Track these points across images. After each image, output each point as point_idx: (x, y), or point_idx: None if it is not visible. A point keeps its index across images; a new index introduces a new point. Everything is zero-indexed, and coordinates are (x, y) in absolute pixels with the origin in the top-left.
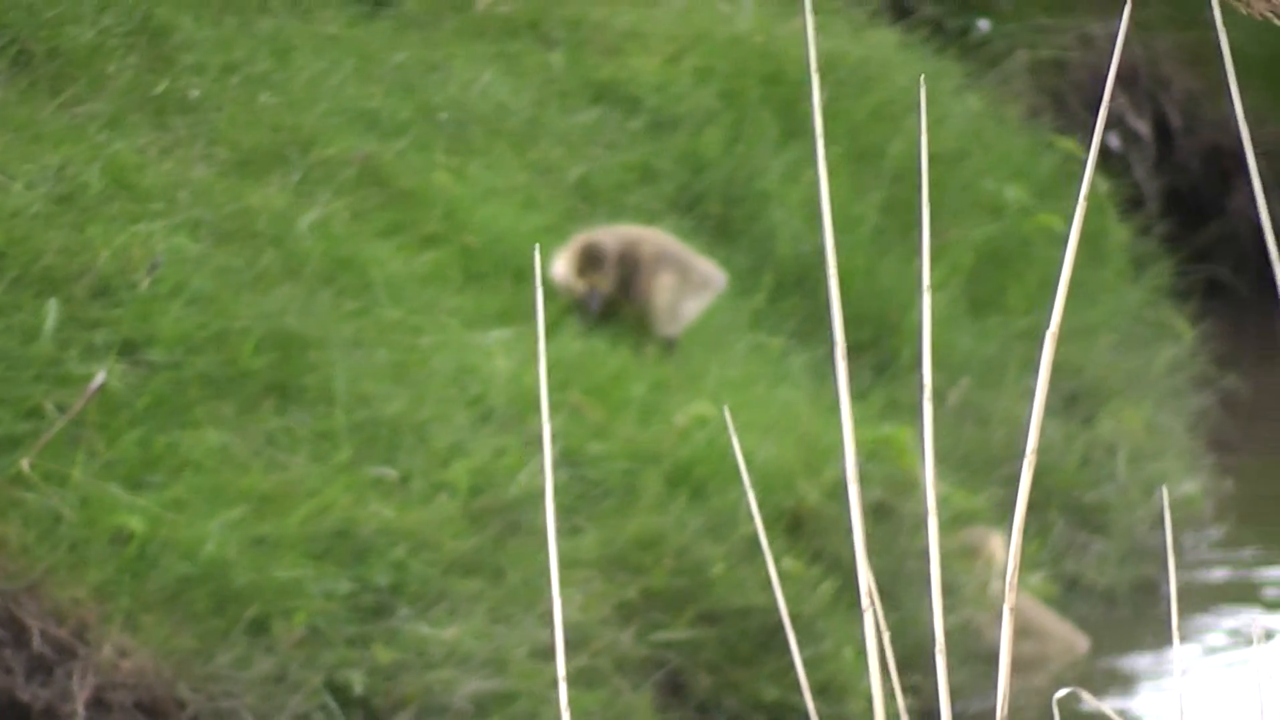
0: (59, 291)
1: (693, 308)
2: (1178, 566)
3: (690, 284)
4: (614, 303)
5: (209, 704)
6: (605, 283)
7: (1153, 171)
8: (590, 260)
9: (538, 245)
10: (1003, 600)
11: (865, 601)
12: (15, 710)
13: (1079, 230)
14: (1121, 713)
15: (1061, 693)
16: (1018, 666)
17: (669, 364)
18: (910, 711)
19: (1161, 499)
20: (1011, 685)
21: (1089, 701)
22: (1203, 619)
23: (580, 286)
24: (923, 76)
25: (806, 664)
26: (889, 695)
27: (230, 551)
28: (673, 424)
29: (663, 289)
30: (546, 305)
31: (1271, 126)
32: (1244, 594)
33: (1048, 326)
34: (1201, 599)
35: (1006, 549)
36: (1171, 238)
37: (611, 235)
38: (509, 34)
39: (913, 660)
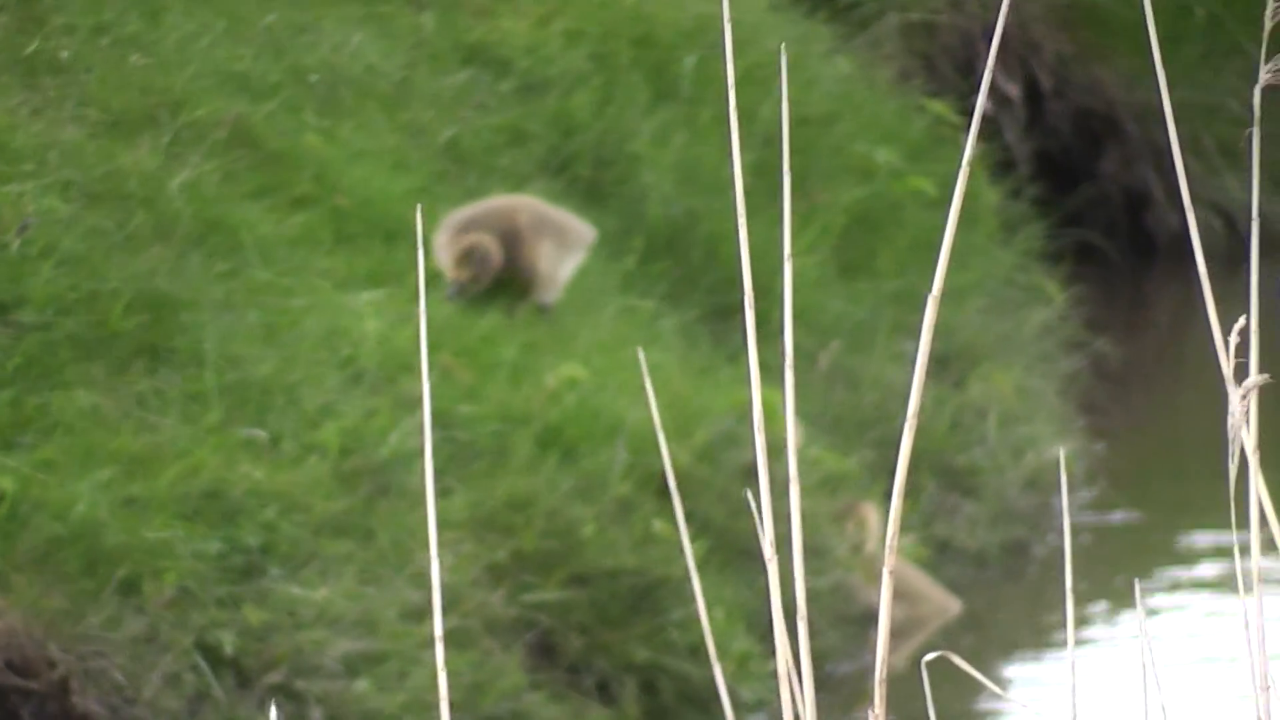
0: None
1: (569, 268)
2: (1048, 529)
3: (566, 245)
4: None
5: (79, 664)
6: (475, 284)
7: (1023, 135)
8: (469, 259)
9: (420, 207)
10: (879, 562)
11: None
12: None
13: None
14: (996, 677)
15: (930, 656)
16: (891, 629)
17: (539, 326)
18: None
19: (1035, 461)
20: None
21: (960, 664)
22: (1075, 581)
23: (452, 273)
24: (784, 45)
25: (678, 626)
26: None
27: (101, 512)
28: (543, 386)
29: (545, 256)
30: (416, 267)
31: (1141, 92)
32: (1115, 556)
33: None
34: (1074, 561)
35: (879, 513)
36: (1042, 201)
37: (487, 213)
38: None
39: (784, 622)
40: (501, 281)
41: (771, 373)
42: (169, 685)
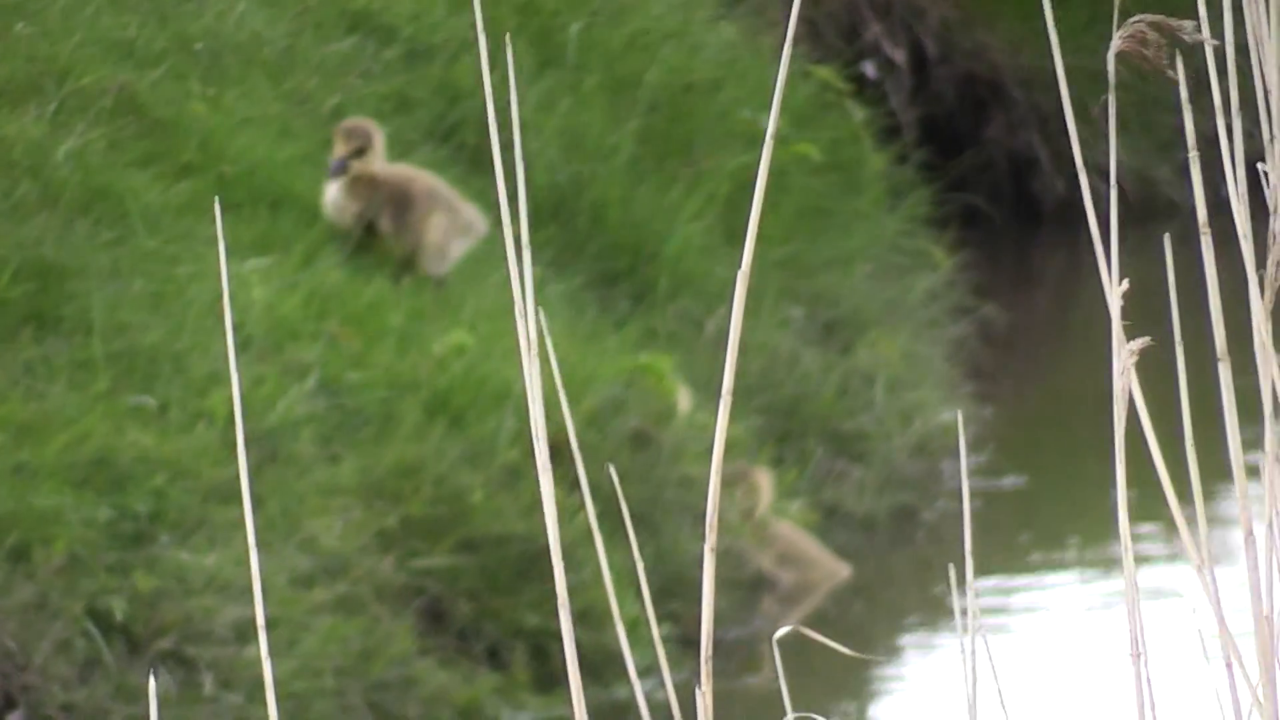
0: None
1: (459, 248)
2: (936, 495)
3: (458, 226)
4: (374, 233)
5: None
6: (360, 160)
7: (909, 100)
8: (352, 135)
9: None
10: (769, 526)
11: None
12: None
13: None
14: (885, 644)
15: (781, 632)
16: (781, 595)
17: (426, 294)
18: (670, 639)
19: (923, 427)
20: (775, 613)
21: (813, 636)
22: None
23: (336, 151)
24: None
25: (567, 591)
26: (646, 622)
27: None
28: (431, 353)
29: (435, 228)
30: (303, 234)
31: (1026, 57)
32: (1004, 521)
33: (812, 256)
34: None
35: (769, 477)
36: (928, 167)
37: (384, 170)
38: None
39: (672, 588)
40: (387, 249)
41: (658, 338)
42: (59, 652)
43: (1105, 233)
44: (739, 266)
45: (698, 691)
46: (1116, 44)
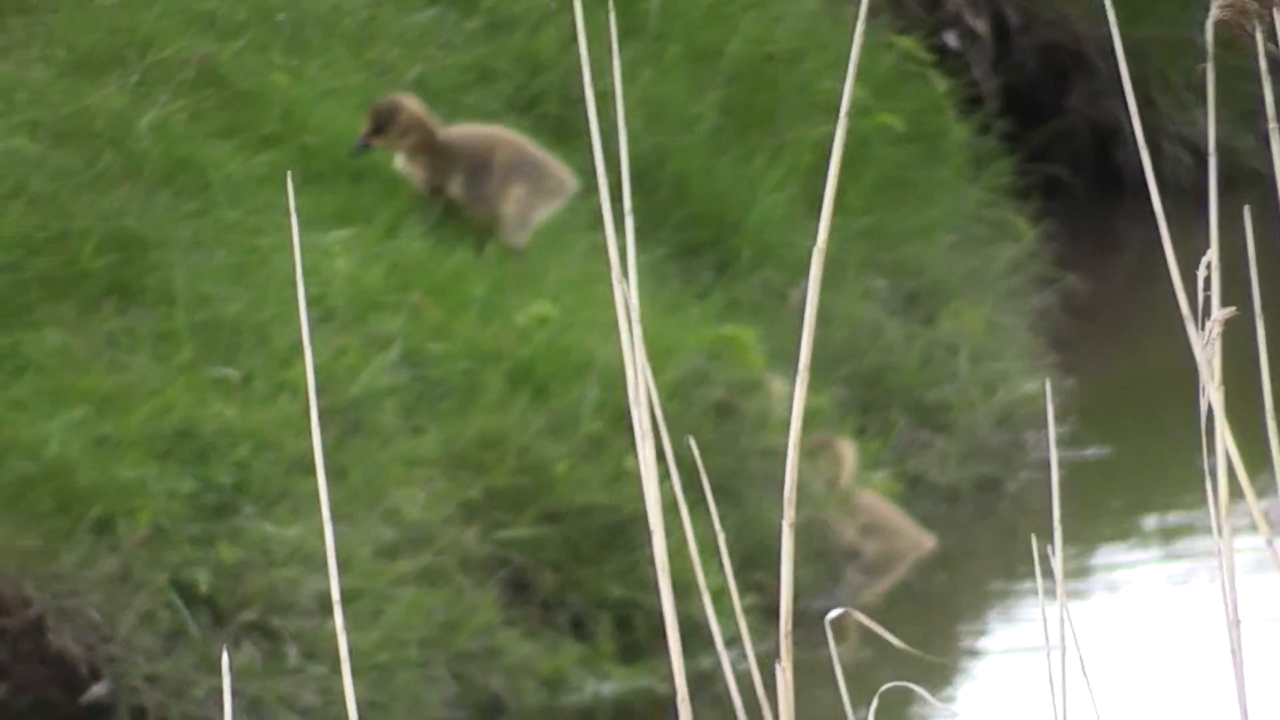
0: None
1: (543, 213)
2: (1019, 466)
3: (542, 192)
4: (449, 200)
5: (54, 603)
6: (385, 142)
7: (991, 70)
8: (373, 114)
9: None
10: (854, 497)
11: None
12: None
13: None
14: (970, 615)
15: (834, 613)
16: (865, 566)
17: (509, 264)
18: (754, 609)
19: (1006, 397)
20: (859, 583)
21: (862, 620)
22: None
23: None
24: None
25: (651, 562)
26: (745, 589)
27: (73, 451)
28: (514, 323)
29: (513, 200)
30: (385, 205)
31: (1108, 26)
32: (1087, 491)
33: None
34: (1045, 497)
35: (853, 448)
36: (1010, 137)
37: (465, 138)
38: None
39: (756, 559)
40: (466, 217)
41: (740, 310)
42: (144, 623)
43: (1187, 202)
44: (816, 242)
45: (778, 668)
46: (1215, 13)
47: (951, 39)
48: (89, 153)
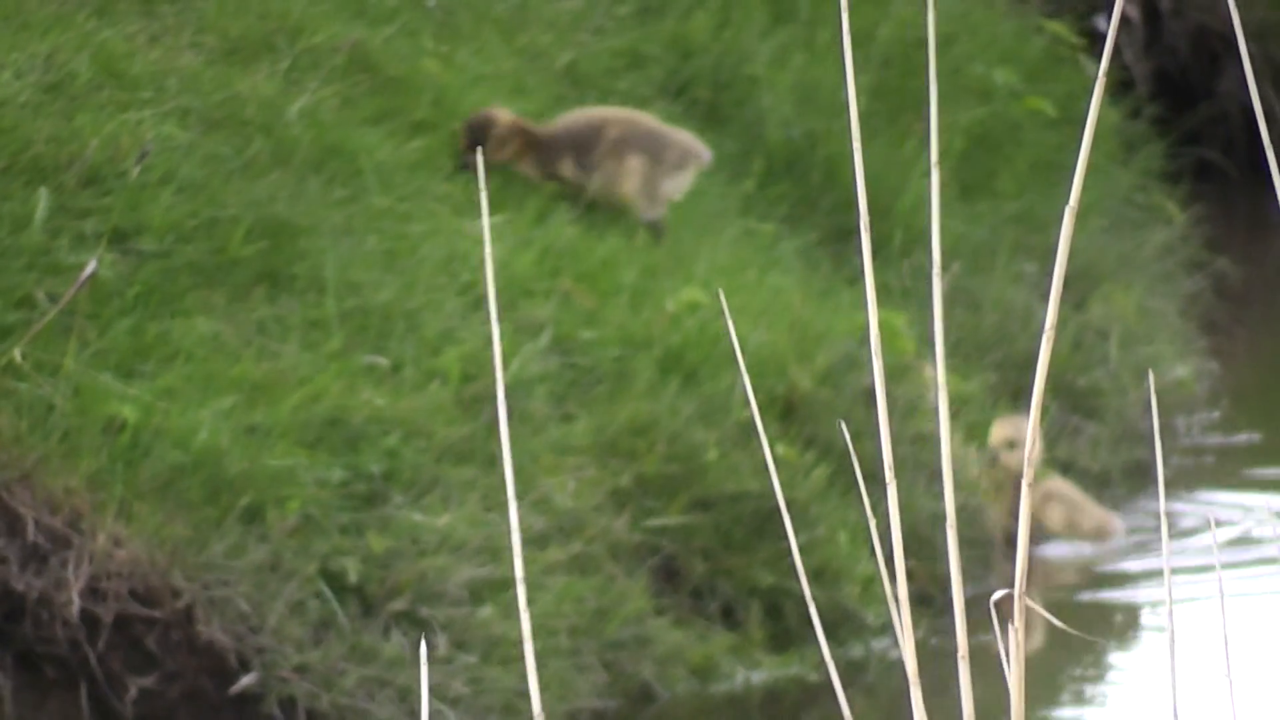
0: (49, 180)
1: (672, 187)
2: (1170, 451)
3: (665, 163)
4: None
5: (204, 592)
6: (491, 154)
7: (1142, 54)
8: (466, 130)
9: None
10: (1022, 475)
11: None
12: (10, 600)
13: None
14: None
15: (999, 594)
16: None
17: (659, 250)
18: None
19: (1157, 382)
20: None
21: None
22: (1196, 504)
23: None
24: None
25: (801, 550)
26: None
27: (223, 440)
28: (664, 310)
29: (630, 173)
30: (536, 191)
31: (1259, 9)
32: (1238, 478)
33: (1047, 210)
34: (1194, 482)
35: (1011, 429)
36: (1161, 120)
37: (568, 127)
38: None
39: (907, 545)
40: (589, 200)
41: (891, 295)
42: (293, 613)
43: None
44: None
45: (1010, 629)
46: None
47: (1102, 23)
48: (239, 140)
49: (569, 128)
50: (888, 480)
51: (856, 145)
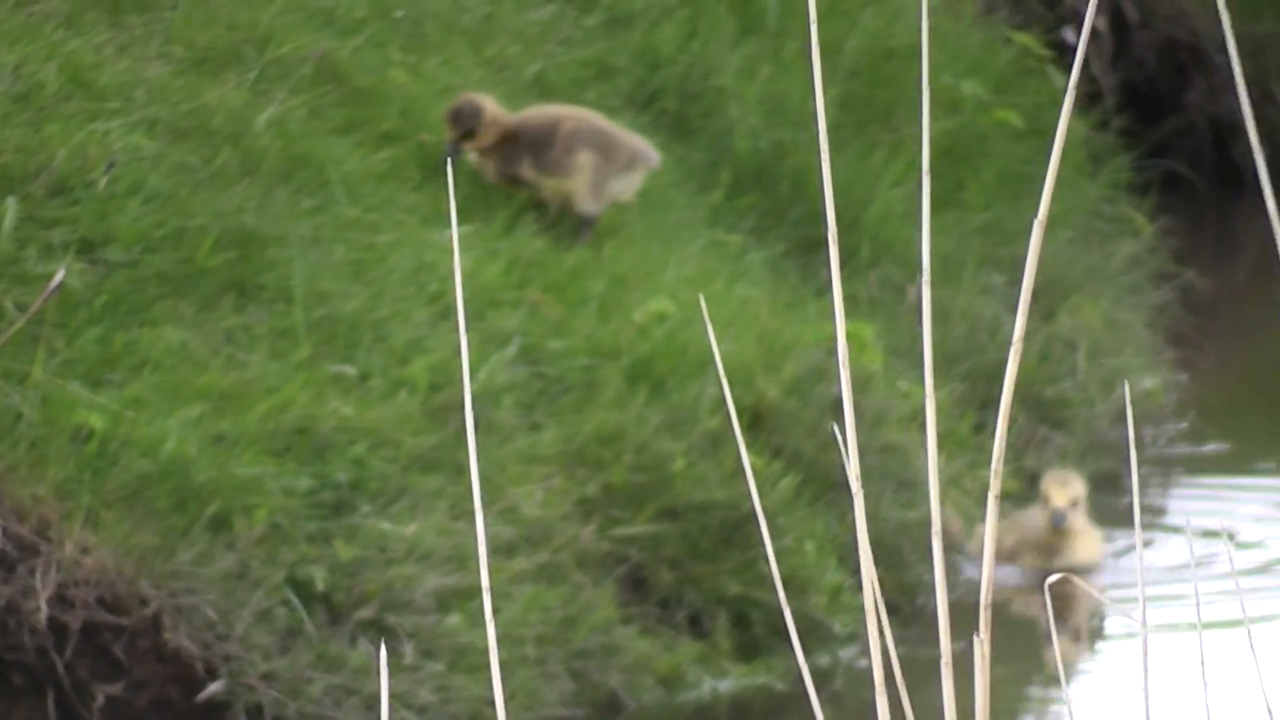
0: (16, 190)
1: (620, 187)
2: (1139, 461)
3: (615, 163)
4: (516, 179)
5: (171, 600)
6: (473, 141)
7: (1110, 66)
8: (458, 117)
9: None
10: (988, 489)
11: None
12: None
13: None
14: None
15: (1054, 578)
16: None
17: (627, 260)
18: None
19: (1123, 393)
20: (976, 576)
21: (1079, 585)
22: (1168, 516)
23: (446, 136)
24: None
25: (769, 559)
26: (858, 588)
27: (190, 449)
28: (632, 320)
29: (580, 168)
30: (504, 202)
31: (1234, 24)
32: (1207, 488)
33: (1014, 222)
34: (1163, 494)
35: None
36: (1129, 132)
37: (532, 113)
38: None
39: (874, 555)
40: (524, 189)
41: (859, 306)
42: (260, 621)
43: None
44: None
45: (975, 640)
46: None
47: (1070, 35)
48: (207, 150)
49: (529, 128)
50: (854, 490)
51: (824, 156)
